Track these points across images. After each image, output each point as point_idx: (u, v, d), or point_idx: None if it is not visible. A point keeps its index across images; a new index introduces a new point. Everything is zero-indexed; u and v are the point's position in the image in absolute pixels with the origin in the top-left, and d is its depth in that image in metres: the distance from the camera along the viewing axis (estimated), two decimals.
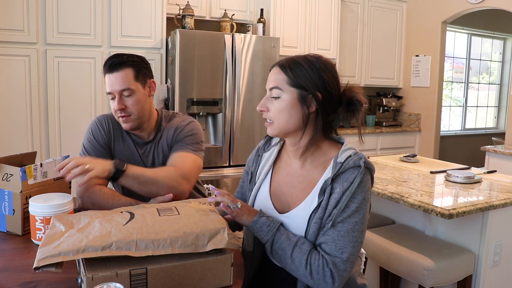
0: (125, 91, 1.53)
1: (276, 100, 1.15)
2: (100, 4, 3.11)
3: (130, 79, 1.54)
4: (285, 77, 1.14)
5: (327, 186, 1.11)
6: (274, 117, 1.16)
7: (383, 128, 4.64)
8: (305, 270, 1.07)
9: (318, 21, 4.10)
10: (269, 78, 1.18)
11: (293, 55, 1.20)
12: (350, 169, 1.11)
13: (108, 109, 3.22)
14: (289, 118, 1.14)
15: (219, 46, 3.34)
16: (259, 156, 1.34)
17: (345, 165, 1.11)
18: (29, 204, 1.24)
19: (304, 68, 1.13)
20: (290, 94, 1.13)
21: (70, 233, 0.97)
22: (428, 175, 2.34)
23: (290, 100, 1.13)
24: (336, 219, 1.08)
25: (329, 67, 1.16)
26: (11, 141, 2.96)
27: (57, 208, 1.22)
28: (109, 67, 1.53)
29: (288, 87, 1.14)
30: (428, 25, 4.66)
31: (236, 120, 3.41)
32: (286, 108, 1.14)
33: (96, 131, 1.64)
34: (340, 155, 1.14)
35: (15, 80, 2.94)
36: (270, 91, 1.16)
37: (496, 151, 3.62)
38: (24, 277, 1.01)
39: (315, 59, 1.15)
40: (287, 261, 1.09)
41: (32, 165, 1.32)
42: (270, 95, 1.16)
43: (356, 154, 1.14)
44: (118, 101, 1.53)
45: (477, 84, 6.47)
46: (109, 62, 1.54)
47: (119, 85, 1.52)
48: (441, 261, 1.80)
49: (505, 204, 1.85)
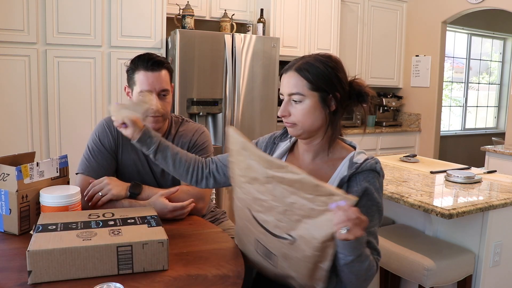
0: (163, 92, 1.56)
1: (298, 104, 1.16)
2: (100, 4, 3.11)
3: (168, 80, 1.58)
4: (305, 81, 1.15)
5: (343, 184, 1.14)
6: (297, 121, 1.17)
7: (383, 128, 4.64)
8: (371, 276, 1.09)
9: (318, 21, 4.10)
10: (286, 83, 1.18)
11: (303, 57, 1.20)
12: (367, 171, 1.14)
13: (107, 109, 3.21)
14: (313, 121, 1.17)
15: (219, 46, 3.34)
16: (274, 144, 1.34)
17: (363, 167, 1.14)
18: (40, 195, 1.32)
19: (321, 70, 1.15)
20: (312, 97, 1.15)
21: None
22: (428, 175, 2.34)
23: (312, 104, 1.15)
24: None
25: (340, 64, 1.19)
26: (11, 141, 2.96)
27: (67, 198, 1.31)
28: (151, 65, 1.53)
29: (309, 91, 1.15)
30: (428, 25, 4.66)
31: (236, 120, 3.41)
32: (309, 111, 1.16)
33: (103, 134, 1.62)
34: (356, 156, 1.17)
35: (15, 80, 2.94)
36: (289, 96, 1.17)
37: (496, 151, 3.61)
38: (24, 277, 1.01)
39: (327, 59, 1.17)
40: (360, 272, 1.06)
41: (28, 164, 1.32)
42: (290, 100, 1.17)
43: (372, 158, 1.17)
44: (157, 100, 1.54)
45: (477, 84, 6.47)
46: (150, 61, 1.53)
47: (160, 85, 1.54)
48: (441, 261, 1.80)
49: (505, 204, 1.85)
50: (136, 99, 1.55)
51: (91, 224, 1.14)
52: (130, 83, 1.60)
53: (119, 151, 1.64)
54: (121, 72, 3.22)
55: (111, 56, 3.19)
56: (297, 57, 1.23)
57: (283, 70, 1.21)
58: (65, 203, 1.30)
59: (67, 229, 1.10)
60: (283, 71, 1.20)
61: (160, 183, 1.68)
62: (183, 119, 1.74)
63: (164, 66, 1.57)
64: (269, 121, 3.58)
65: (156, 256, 1.06)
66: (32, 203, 1.34)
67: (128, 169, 1.65)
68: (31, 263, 0.97)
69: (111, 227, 1.13)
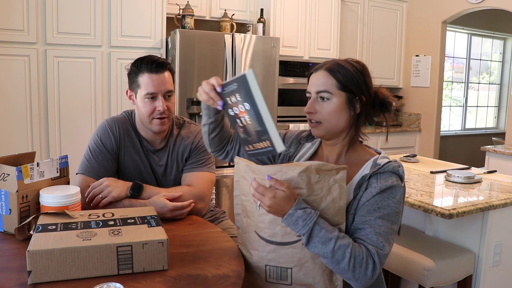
0: (169, 93, 1.57)
1: (325, 103, 1.20)
2: (100, 4, 3.11)
3: (171, 81, 1.59)
4: (335, 81, 1.19)
5: (364, 182, 1.16)
6: (323, 119, 1.20)
7: (383, 128, 4.64)
8: (348, 263, 1.07)
9: (318, 21, 4.10)
10: (315, 82, 1.21)
11: (334, 59, 1.25)
12: (389, 172, 1.16)
13: (107, 109, 3.22)
14: (338, 120, 1.20)
15: (219, 46, 3.34)
16: (300, 143, 1.36)
17: (385, 167, 1.17)
18: (40, 195, 1.32)
19: (351, 72, 1.19)
20: (339, 97, 1.19)
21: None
22: (428, 175, 2.34)
23: (339, 103, 1.19)
24: (377, 213, 1.12)
25: (367, 71, 1.24)
26: (11, 141, 2.96)
27: (67, 198, 1.31)
28: (155, 67, 1.53)
29: (338, 90, 1.19)
30: (428, 25, 4.66)
31: None
32: (336, 110, 1.19)
33: (105, 135, 1.62)
34: (380, 159, 1.21)
35: (15, 80, 2.94)
36: (317, 94, 1.20)
37: (496, 151, 3.61)
38: (24, 277, 1.01)
39: (357, 64, 1.23)
40: (327, 254, 1.08)
41: (28, 165, 1.32)
42: (317, 97, 1.21)
43: (395, 162, 1.20)
44: (163, 102, 1.54)
45: (477, 84, 6.47)
46: (154, 63, 1.54)
47: (165, 86, 1.55)
48: (441, 261, 1.79)
49: (505, 204, 1.85)
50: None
51: (91, 224, 1.14)
52: (133, 86, 1.58)
53: (121, 152, 1.63)
54: (121, 72, 3.22)
55: (111, 56, 3.19)
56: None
57: (312, 70, 1.25)
58: (65, 203, 1.30)
59: (67, 229, 1.10)
60: (313, 70, 1.24)
61: (162, 183, 1.68)
62: (185, 121, 1.75)
63: (167, 68, 1.58)
64: None
65: (156, 256, 1.06)
66: (32, 203, 1.34)
67: (130, 170, 1.65)
68: (31, 263, 0.97)
69: (111, 227, 1.13)
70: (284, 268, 1.14)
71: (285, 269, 1.14)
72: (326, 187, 1.10)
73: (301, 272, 1.12)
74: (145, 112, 1.56)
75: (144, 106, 1.55)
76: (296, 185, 1.09)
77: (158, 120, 1.56)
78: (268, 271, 1.16)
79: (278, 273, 1.15)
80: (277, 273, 1.15)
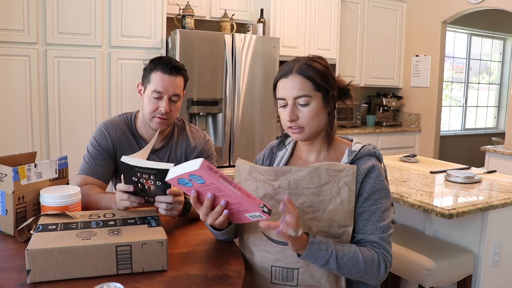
0: (175, 96, 1.59)
1: (305, 107, 1.17)
2: (100, 4, 3.11)
3: (181, 87, 1.62)
4: (310, 83, 1.16)
5: None
6: (306, 124, 1.18)
7: (383, 128, 4.64)
8: (378, 267, 1.09)
9: (318, 21, 4.10)
10: (291, 87, 1.16)
11: (297, 59, 1.20)
12: (366, 156, 1.18)
13: (108, 109, 3.22)
14: (319, 121, 1.19)
15: (219, 46, 3.34)
16: (273, 153, 1.36)
17: (361, 152, 1.18)
18: (40, 195, 1.31)
19: (321, 70, 1.18)
20: (317, 98, 1.18)
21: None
22: (428, 175, 2.34)
23: (318, 105, 1.18)
24: (368, 201, 1.13)
25: (328, 64, 1.23)
26: (11, 141, 2.96)
27: (67, 198, 1.30)
28: (170, 69, 1.57)
29: (315, 92, 1.17)
30: (428, 25, 4.66)
31: (236, 120, 3.41)
32: (316, 113, 1.18)
33: (101, 136, 1.66)
34: (353, 146, 1.22)
35: (15, 80, 2.94)
36: (295, 100, 1.16)
37: (496, 151, 3.61)
38: (23, 277, 1.01)
39: (321, 59, 1.21)
40: (359, 267, 1.08)
41: (25, 166, 1.31)
42: (296, 103, 1.17)
43: (369, 145, 1.22)
44: (166, 103, 1.57)
45: (477, 84, 6.47)
46: (169, 64, 1.57)
47: (173, 89, 1.58)
48: (441, 261, 1.80)
49: (505, 204, 1.85)
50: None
51: (91, 224, 1.14)
52: (144, 81, 1.63)
53: (117, 153, 1.66)
54: (121, 72, 3.22)
55: (111, 56, 3.19)
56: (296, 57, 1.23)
57: (280, 76, 1.20)
58: (65, 203, 1.30)
59: (67, 229, 1.10)
60: (281, 76, 1.19)
61: None
62: (185, 123, 1.78)
63: (181, 73, 1.61)
64: (269, 121, 3.57)
65: (155, 256, 1.06)
66: (29, 205, 1.32)
67: None
68: (30, 262, 0.97)
69: (111, 227, 1.13)
70: (291, 268, 1.14)
71: (291, 269, 1.14)
72: (336, 189, 1.10)
73: (307, 273, 1.13)
74: (148, 108, 1.59)
75: (149, 103, 1.59)
76: (305, 185, 1.10)
77: (158, 119, 1.59)
78: (274, 272, 1.16)
79: (284, 274, 1.15)
80: (283, 274, 1.15)
